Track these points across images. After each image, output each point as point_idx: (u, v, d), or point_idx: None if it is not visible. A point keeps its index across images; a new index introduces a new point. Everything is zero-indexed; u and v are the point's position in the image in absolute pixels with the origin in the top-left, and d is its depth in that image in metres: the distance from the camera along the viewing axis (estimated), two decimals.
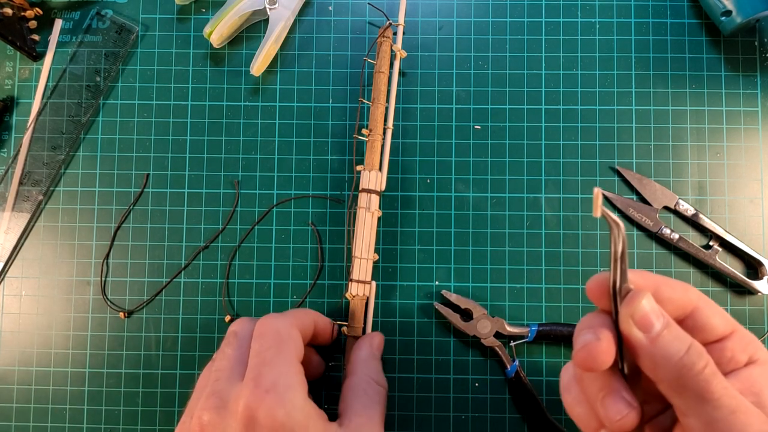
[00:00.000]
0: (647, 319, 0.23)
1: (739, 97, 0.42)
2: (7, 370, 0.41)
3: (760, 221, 0.41)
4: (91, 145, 0.43)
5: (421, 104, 0.42)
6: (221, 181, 0.42)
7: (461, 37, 0.43)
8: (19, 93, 0.43)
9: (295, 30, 0.43)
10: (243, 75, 0.43)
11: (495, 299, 0.41)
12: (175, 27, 0.44)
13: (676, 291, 0.25)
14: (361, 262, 0.39)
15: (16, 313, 0.42)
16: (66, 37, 0.44)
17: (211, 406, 0.30)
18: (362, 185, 0.40)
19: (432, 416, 0.40)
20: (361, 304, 0.40)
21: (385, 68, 0.40)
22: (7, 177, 0.42)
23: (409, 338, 0.41)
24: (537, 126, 0.42)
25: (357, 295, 0.39)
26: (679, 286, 0.25)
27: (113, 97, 0.43)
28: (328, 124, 0.43)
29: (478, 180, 0.42)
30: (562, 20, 0.43)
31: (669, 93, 0.42)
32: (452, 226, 0.42)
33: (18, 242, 0.42)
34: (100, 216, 0.42)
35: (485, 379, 0.40)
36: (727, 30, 0.41)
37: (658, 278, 0.25)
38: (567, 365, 0.27)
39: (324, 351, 0.40)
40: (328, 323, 0.38)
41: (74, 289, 0.42)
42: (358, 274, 0.39)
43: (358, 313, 0.40)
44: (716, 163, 0.42)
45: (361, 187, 0.40)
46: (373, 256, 0.40)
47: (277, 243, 0.42)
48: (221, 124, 0.43)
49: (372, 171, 0.40)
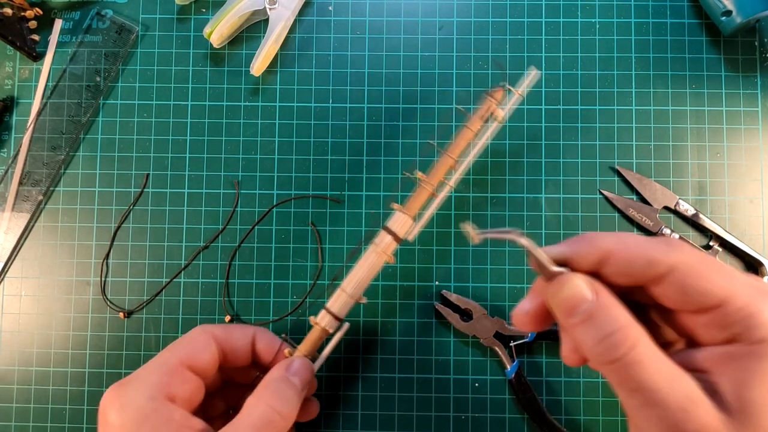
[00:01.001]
0: (563, 308, 0.23)
1: (739, 97, 0.42)
2: (7, 370, 0.41)
3: (760, 221, 0.41)
4: (91, 145, 0.43)
5: (421, 104, 0.42)
6: (221, 181, 0.42)
7: (461, 37, 0.43)
8: (19, 93, 0.43)
9: (295, 30, 0.43)
10: (243, 75, 0.43)
11: (495, 299, 0.41)
12: (175, 27, 0.44)
13: (633, 263, 0.23)
14: (341, 296, 0.34)
15: (16, 313, 0.42)
16: (66, 37, 0.44)
17: None
18: (389, 224, 0.35)
19: (432, 416, 0.40)
20: (320, 337, 0.35)
21: (475, 127, 0.35)
22: (7, 177, 0.42)
23: (409, 338, 0.41)
24: (537, 126, 0.42)
25: (320, 325, 0.35)
26: (640, 253, 0.23)
27: (113, 97, 0.43)
28: (328, 124, 0.43)
29: (478, 180, 0.42)
30: (562, 20, 0.43)
31: (669, 93, 0.42)
32: (452, 226, 0.42)
33: (18, 242, 0.42)
34: (100, 216, 0.42)
35: (485, 379, 0.40)
36: (727, 30, 0.41)
37: (610, 244, 0.24)
38: None
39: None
40: (269, 340, 0.35)
41: (74, 289, 0.42)
42: (333, 305, 0.34)
43: (311, 343, 0.35)
44: (716, 163, 0.42)
45: (386, 224, 0.35)
46: (360, 297, 0.35)
47: (277, 243, 0.42)
48: (221, 124, 0.43)
49: (406, 216, 0.35)
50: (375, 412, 0.40)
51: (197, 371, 0.32)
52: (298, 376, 0.32)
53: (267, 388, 0.31)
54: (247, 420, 0.29)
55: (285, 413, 0.30)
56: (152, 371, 0.30)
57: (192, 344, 0.32)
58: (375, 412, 0.40)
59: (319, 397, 0.40)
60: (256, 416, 0.29)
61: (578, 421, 0.40)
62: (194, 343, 0.32)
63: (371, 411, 0.40)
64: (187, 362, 0.31)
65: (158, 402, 0.29)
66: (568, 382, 0.40)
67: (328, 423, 0.40)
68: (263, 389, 0.31)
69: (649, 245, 0.23)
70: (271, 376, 0.32)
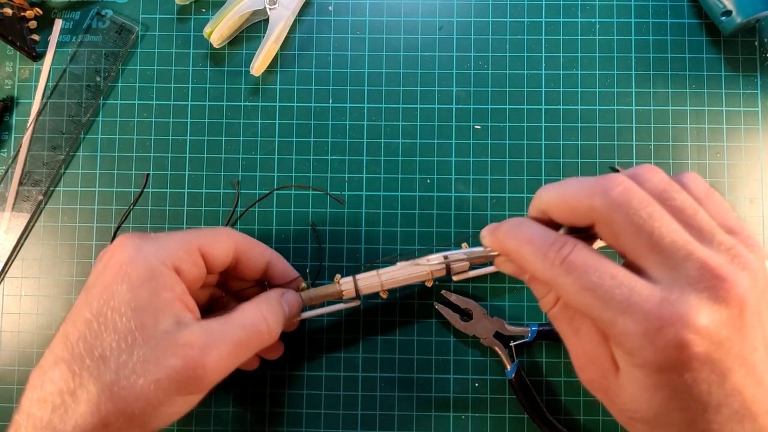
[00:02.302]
0: (513, 257, 0.28)
1: (739, 97, 0.42)
2: (7, 370, 0.41)
3: (760, 221, 0.41)
4: (91, 145, 0.43)
5: (421, 104, 0.42)
6: (221, 181, 0.42)
7: (461, 37, 0.43)
8: (19, 93, 0.43)
9: (295, 30, 0.43)
10: (243, 75, 0.43)
11: (495, 299, 0.41)
12: (175, 27, 0.44)
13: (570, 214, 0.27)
14: (373, 277, 0.36)
15: (16, 313, 0.42)
16: (66, 37, 0.44)
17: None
18: (451, 255, 0.36)
19: (432, 416, 0.40)
20: (331, 295, 0.36)
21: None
22: (7, 177, 0.42)
23: (409, 338, 0.41)
24: (537, 126, 0.42)
25: (340, 286, 0.36)
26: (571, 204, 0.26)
27: (113, 97, 0.43)
28: (328, 124, 0.43)
29: (478, 180, 0.42)
30: (562, 20, 0.43)
31: (669, 93, 0.42)
32: (452, 226, 0.42)
33: (18, 242, 0.42)
34: (100, 216, 0.42)
35: (485, 379, 0.40)
36: (727, 30, 0.41)
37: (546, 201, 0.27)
38: None
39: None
40: (283, 267, 0.37)
41: (74, 289, 0.42)
42: (361, 278, 0.36)
43: (320, 295, 0.36)
44: (716, 163, 0.42)
45: (448, 255, 0.36)
46: (384, 291, 0.36)
47: (277, 243, 0.42)
48: (221, 124, 0.43)
49: (466, 264, 0.36)
50: (375, 412, 0.40)
51: (207, 262, 0.33)
52: (288, 306, 0.34)
53: (265, 301, 0.33)
54: (239, 319, 0.31)
55: (272, 328, 0.32)
56: (173, 241, 0.31)
57: (215, 238, 0.33)
58: (375, 412, 0.40)
59: (319, 397, 0.40)
60: (248, 318, 0.31)
61: (578, 421, 0.40)
62: (217, 238, 0.34)
63: (371, 411, 0.40)
64: (204, 250, 0.32)
65: (167, 269, 0.30)
66: (568, 382, 0.40)
67: (328, 423, 0.40)
68: (261, 300, 0.33)
69: (581, 195, 0.26)
70: (269, 294, 0.34)
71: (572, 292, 0.24)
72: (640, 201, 0.24)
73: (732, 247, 0.24)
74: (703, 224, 0.24)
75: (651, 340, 0.22)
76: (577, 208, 0.26)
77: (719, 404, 0.23)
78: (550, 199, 0.27)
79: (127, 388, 0.27)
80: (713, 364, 0.22)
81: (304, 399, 0.40)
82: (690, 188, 0.26)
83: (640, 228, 0.24)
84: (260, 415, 0.40)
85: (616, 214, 0.24)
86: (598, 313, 0.24)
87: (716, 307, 0.22)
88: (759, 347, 0.23)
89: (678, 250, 0.23)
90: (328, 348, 0.41)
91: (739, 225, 0.25)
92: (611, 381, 0.26)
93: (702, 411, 0.23)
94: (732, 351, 0.22)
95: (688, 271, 0.23)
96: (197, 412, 0.40)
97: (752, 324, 0.23)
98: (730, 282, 0.22)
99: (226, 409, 0.40)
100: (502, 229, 0.28)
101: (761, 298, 0.24)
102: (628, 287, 0.23)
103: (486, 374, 0.40)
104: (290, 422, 0.40)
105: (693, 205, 0.25)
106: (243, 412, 0.40)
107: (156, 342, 0.28)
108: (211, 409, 0.40)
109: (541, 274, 0.26)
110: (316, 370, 0.41)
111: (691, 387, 0.23)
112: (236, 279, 0.37)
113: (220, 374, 0.29)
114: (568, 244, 0.25)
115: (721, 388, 0.23)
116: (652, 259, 0.24)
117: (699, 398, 0.23)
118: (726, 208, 0.26)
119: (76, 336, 0.28)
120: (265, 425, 0.40)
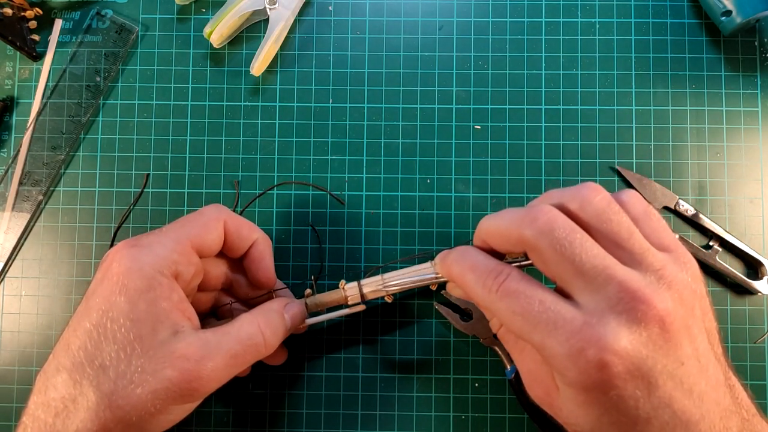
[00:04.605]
0: (460, 283, 0.30)
1: (739, 97, 0.42)
2: (7, 370, 0.41)
3: (760, 221, 0.41)
4: (91, 145, 0.43)
5: (421, 104, 0.42)
6: (221, 181, 0.42)
7: (461, 37, 0.43)
8: (19, 93, 0.43)
9: (295, 30, 0.43)
10: (243, 75, 0.43)
11: None
12: (175, 27, 0.44)
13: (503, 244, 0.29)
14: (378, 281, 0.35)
15: (16, 313, 0.42)
16: (66, 37, 0.44)
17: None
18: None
19: (432, 416, 0.40)
20: (336, 300, 0.36)
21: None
22: (7, 177, 0.42)
23: (409, 338, 0.41)
24: (537, 126, 0.42)
25: (345, 292, 0.35)
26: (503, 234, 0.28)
27: (113, 97, 0.43)
28: (328, 124, 0.43)
29: (478, 180, 0.42)
30: (562, 20, 0.43)
31: (669, 93, 0.42)
32: (452, 226, 0.42)
33: (18, 242, 0.42)
34: (100, 216, 0.42)
35: (485, 379, 0.40)
36: (727, 30, 0.41)
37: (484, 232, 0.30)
38: None
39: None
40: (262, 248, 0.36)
41: (74, 289, 0.42)
42: (366, 283, 0.35)
43: (325, 300, 0.36)
44: (716, 163, 0.42)
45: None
46: (389, 295, 0.36)
47: (277, 243, 0.42)
48: (221, 124, 0.43)
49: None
50: (375, 412, 0.40)
51: (201, 253, 0.33)
52: (291, 318, 0.34)
53: (264, 314, 0.33)
54: (237, 333, 0.31)
55: (269, 342, 0.32)
56: (166, 246, 0.31)
57: (206, 226, 0.33)
58: (375, 412, 0.40)
59: (319, 397, 0.40)
60: (245, 332, 0.31)
61: None
62: (207, 225, 0.33)
63: (371, 411, 0.40)
64: (197, 244, 0.32)
65: (165, 278, 0.30)
66: None
67: (328, 423, 0.40)
68: (260, 313, 0.33)
69: (512, 226, 0.27)
70: (270, 305, 0.34)
71: (506, 316, 0.26)
72: (563, 229, 0.25)
73: (662, 267, 0.25)
74: (634, 246, 0.25)
75: (574, 361, 0.24)
76: (510, 237, 0.27)
77: (648, 417, 0.24)
78: (488, 229, 0.29)
79: (125, 397, 0.28)
80: (636, 381, 0.24)
81: (304, 399, 0.40)
82: (628, 207, 0.27)
83: (563, 255, 0.25)
84: (260, 415, 0.40)
85: (542, 243, 0.25)
86: (529, 336, 0.26)
87: (634, 328, 0.24)
88: (687, 361, 0.24)
89: (598, 275, 0.24)
90: (329, 348, 0.41)
91: (674, 243, 0.27)
92: (554, 398, 0.27)
93: (633, 424, 0.24)
94: (656, 367, 0.24)
95: (608, 294, 0.24)
96: (197, 412, 0.40)
97: (678, 339, 0.24)
98: (648, 302, 0.24)
99: (226, 409, 0.40)
100: (450, 257, 0.30)
101: (689, 314, 0.25)
102: (554, 311, 0.25)
103: (486, 374, 0.40)
104: (290, 422, 0.40)
105: (629, 226, 0.26)
106: (243, 412, 0.40)
107: (154, 353, 0.28)
108: (212, 409, 0.40)
109: (480, 300, 0.28)
110: (316, 370, 0.41)
111: (617, 403, 0.24)
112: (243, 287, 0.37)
113: (215, 385, 0.30)
114: (504, 272, 0.27)
115: (648, 402, 0.24)
116: (576, 284, 0.25)
117: (627, 413, 0.24)
118: (663, 226, 0.27)
119: (77, 345, 0.29)
120: (266, 425, 0.40)
